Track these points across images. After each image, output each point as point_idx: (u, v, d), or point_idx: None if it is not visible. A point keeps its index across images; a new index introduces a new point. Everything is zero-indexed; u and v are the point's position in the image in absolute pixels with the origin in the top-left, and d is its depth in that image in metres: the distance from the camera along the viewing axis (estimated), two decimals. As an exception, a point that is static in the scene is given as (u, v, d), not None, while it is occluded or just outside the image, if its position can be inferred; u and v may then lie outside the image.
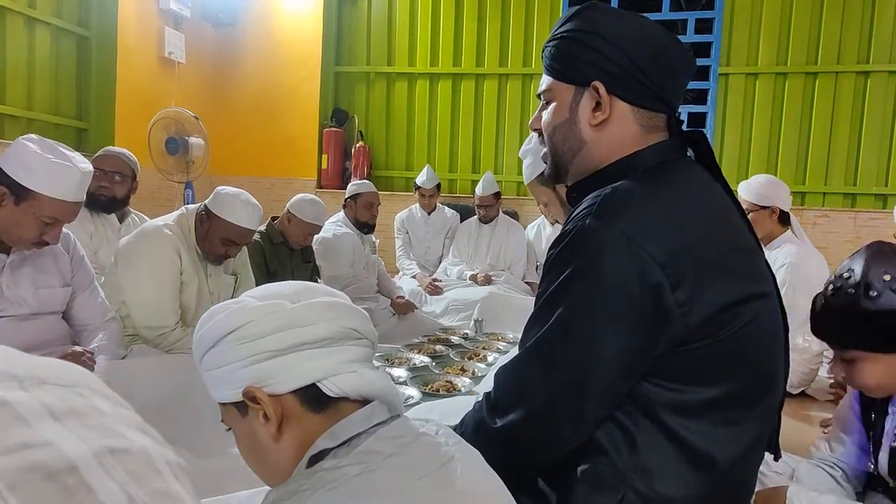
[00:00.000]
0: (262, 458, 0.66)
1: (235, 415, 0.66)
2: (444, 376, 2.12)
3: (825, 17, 4.15)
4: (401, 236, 4.03)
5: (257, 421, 0.63)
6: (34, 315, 1.60)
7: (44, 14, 3.64)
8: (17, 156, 1.43)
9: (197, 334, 0.67)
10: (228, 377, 0.63)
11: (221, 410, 0.68)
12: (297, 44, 4.99)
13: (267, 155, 5.06)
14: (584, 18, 0.89)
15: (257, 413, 0.63)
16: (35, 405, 0.22)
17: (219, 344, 0.64)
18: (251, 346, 0.62)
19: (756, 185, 2.45)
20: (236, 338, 0.62)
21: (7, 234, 1.48)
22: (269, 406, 0.62)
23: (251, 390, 0.62)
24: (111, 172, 2.48)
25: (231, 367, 0.63)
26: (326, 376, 0.62)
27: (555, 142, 0.94)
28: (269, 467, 0.67)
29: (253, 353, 0.62)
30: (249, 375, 0.62)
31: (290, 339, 0.62)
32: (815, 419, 2.05)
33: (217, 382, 0.65)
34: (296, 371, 0.62)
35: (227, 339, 0.63)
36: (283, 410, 0.63)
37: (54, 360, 0.28)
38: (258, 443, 0.65)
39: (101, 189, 2.44)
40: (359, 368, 0.64)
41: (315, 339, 0.63)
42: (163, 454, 0.27)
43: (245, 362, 0.62)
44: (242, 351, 0.62)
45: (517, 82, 4.76)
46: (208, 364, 0.65)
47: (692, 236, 0.80)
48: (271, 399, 0.62)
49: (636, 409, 0.82)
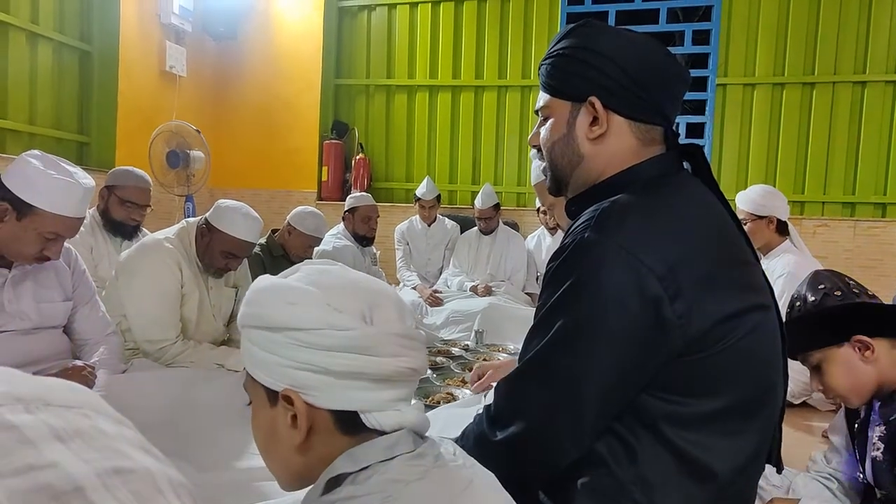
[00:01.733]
0: (273, 450, 0.65)
1: (263, 398, 0.63)
2: (445, 388, 2.12)
3: (821, 27, 4.19)
4: (401, 248, 4.04)
5: (283, 419, 0.61)
6: (36, 329, 1.60)
7: (46, 29, 3.68)
8: (20, 172, 1.45)
9: (258, 300, 0.62)
10: (274, 366, 0.60)
11: (249, 382, 0.65)
12: (297, 57, 5.03)
13: (267, 167, 5.09)
14: (578, 36, 0.90)
15: (287, 414, 0.61)
16: (41, 427, 0.23)
17: (279, 332, 0.60)
18: (310, 355, 0.59)
19: (753, 196, 2.46)
20: (299, 339, 0.59)
21: (9, 249, 1.49)
22: (302, 415, 0.60)
23: (291, 393, 0.60)
24: (144, 206, 2.53)
25: (281, 360, 0.60)
26: (371, 410, 0.60)
27: (553, 157, 0.95)
28: (276, 462, 0.65)
29: (309, 362, 0.59)
30: (295, 378, 0.60)
31: (351, 366, 0.59)
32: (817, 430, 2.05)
33: (259, 362, 0.62)
34: (343, 395, 0.60)
35: (291, 333, 0.59)
36: (314, 423, 0.61)
37: (57, 381, 0.28)
38: (275, 436, 0.63)
39: (131, 220, 2.50)
40: (402, 407, 0.62)
41: (375, 374, 0.60)
42: (166, 473, 0.27)
43: (297, 365, 0.59)
44: (300, 354, 0.59)
45: (516, 94, 4.80)
46: (257, 339, 0.61)
47: (690, 249, 0.81)
48: (307, 408, 0.60)
49: (636, 422, 0.82)
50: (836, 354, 1.17)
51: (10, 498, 0.19)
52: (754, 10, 4.31)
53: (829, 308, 1.17)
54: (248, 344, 0.63)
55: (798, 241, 2.53)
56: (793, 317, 1.21)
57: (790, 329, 1.15)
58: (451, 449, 0.64)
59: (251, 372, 0.63)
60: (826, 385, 1.20)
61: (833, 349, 1.18)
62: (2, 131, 3.50)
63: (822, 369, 1.20)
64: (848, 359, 1.16)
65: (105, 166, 3.85)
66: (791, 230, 2.52)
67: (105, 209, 2.50)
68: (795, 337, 1.16)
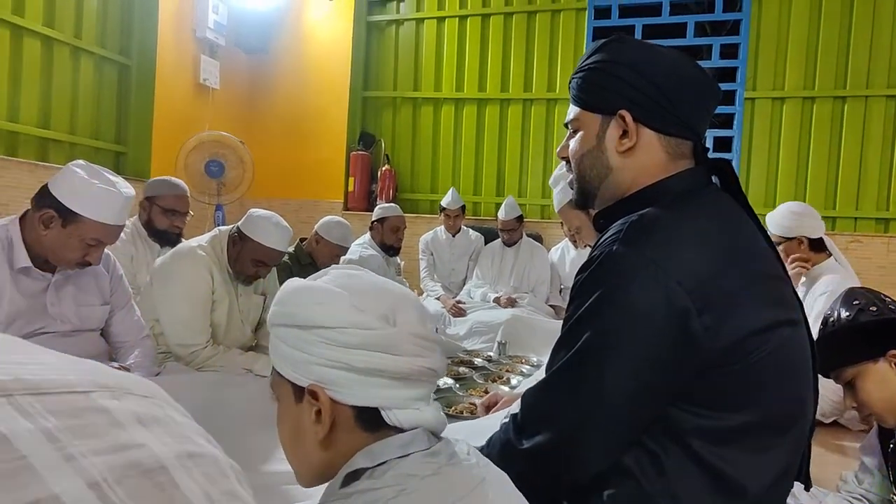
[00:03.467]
0: (297, 445, 0.67)
1: (290, 394, 0.66)
2: (468, 398, 2.13)
3: (853, 39, 4.13)
4: (425, 258, 4.07)
5: (308, 415, 0.64)
6: (75, 332, 1.66)
7: (89, 44, 3.82)
8: (66, 181, 1.51)
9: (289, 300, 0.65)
10: (301, 363, 0.64)
11: (276, 379, 0.68)
12: (326, 70, 5.14)
13: (296, 177, 5.19)
14: (610, 50, 0.92)
15: (311, 409, 0.64)
16: (126, 412, 0.26)
17: (307, 330, 0.63)
18: (335, 352, 0.62)
19: (779, 218, 2.42)
20: (326, 336, 0.62)
21: (54, 254, 1.55)
22: (326, 410, 0.63)
23: (317, 389, 0.63)
24: (185, 213, 2.61)
25: (309, 356, 0.63)
26: (391, 407, 0.63)
27: (582, 169, 0.96)
28: (299, 456, 0.68)
29: (334, 359, 0.62)
30: (321, 374, 0.63)
31: (373, 363, 0.62)
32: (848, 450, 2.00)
33: (287, 358, 0.65)
34: (364, 391, 0.63)
35: (318, 331, 0.63)
36: (336, 418, 0.64)
37: (130, 374, 0.31)
38: (299, 431, 0.66)
39: (174, 228, 2.57)
40: (422, 406, 0.65)
41: (395, 372, 0.63)
42: (227, 460, 0.30)
43: (323, 361, 0.63)
44: (327, 352, 0.62)
45: (541, 107, 4.81)
46: (286, 336, 0.65)
47: (719, 262, 0.81)
48: (331, 403, 0.63)
49: (664, 434, 0.82)
50: (870, 370, 1.16)
51: (111, 471, 0.22)
52: (784, 23, 4.26)
53: (863, 323, 1.16)
54: (276, 341, 0.66)
55: (841, 258, 2.47)
56: (826, 332, 1.21)
57: (824, 345, 1.15)
58: (465, 448, 0.66)
59: (279, 368, 0.67)
60: (860, 402, 1.18)
61: (868, 364, 1.17)
62: (45, 141, 3.64)
63: (857, 385, 1.18)
64: (883, 374, 1.15)
65: (141, 175, 3.98)
66: (831, 247, 2.46)
67: (148, 220, 2.58)
68: (829, 353, 1.15)
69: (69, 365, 0.27)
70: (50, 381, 0.25)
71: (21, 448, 0.21)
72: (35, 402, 0.23)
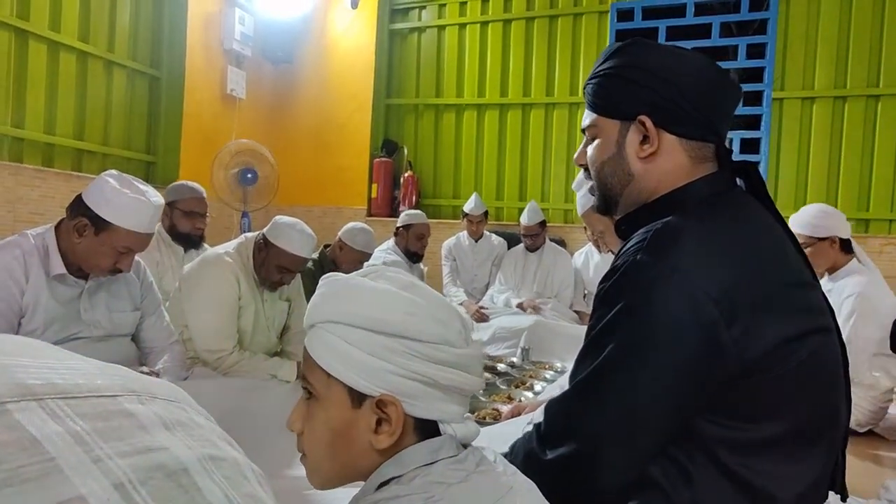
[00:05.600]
0: (338, 450, 0.64)
1: (343, 398, 0.62)
2: (491, 404, 2.12)
3: (886, 36, 4.01)
4: (448, 263, 4.07)
5: (366, 422, 0.62)
6: (107, 337, 1.71)
7: (121, 57, 3.95)
8: (99, 190, 1.56)
9: (366, 302, 0.61)
10: (378, 371, 0.60)
11: (323, 381, 0.63)
12: (349, 78, 5.21)
13: (320, 184, 5.26)
14: (626, 54, 0.90)
15: (372, 417, 0.61)
16: (152, 416, 0.27)
17: (385, 337, 0.61)
18: (420, 365, 0.61)
19: (808, 218, 2.35)
20: (409, 347, 0.61)
21: (86, 262, 1.60)
22: (398, 422, 0.61)
23: (391, 399, 0.60)
24: (204, 215, 2.67)
25: (387, 365, 0.60)
26: (451, 421, 0.64)
27: (603, 176, 0.95)
28: (335, 461, 0.65)
29: (418, 372, 0.61)
30: (398, 385, 0.60)
31: (456, 381, 0.63)
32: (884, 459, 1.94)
33: (355, 363, 0.61)
34: (436, 406, 0.63)
35: (399, 340, 0.61)
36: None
37: (156, 379, 0.32)
38: (347, 437, 0.63)
39: (196, 230, 2.63)
40: (466, 421, 0.67)
41: (468, 390, 0.65)
42: (248, 463, 0.30)
43: (404, 372, 0.61)
44: (409, 363, 0.61)
45: (563, 111, 4.80)
46: (359, 341, 0.61)
47: (746, 271, 0.79)
48: (403, 417, 0.61)
49: (692, 445, 0.80)
50: None
51: (136, 473, 0.23)
52: (813, 21, 4.17)
53: None
54: (341, 343, 0.61)
55: (866, 260, 2.41)
56: None
57: None
58: (493, 457, 0.66)
59: (334, 372, 0.61)
60: None
61: None
62: (80, 152, 3.77)
63: None
64: None
65: (169, 184, 4.07)
66: (856, 248, 2.41)
67: (171, 224, 2.64)
68: None
69: (97, 370, 0.28)
70: (79, 385, 0.26)
71: (50, 450, 0.22)
72: (64, 406, 0.24)
